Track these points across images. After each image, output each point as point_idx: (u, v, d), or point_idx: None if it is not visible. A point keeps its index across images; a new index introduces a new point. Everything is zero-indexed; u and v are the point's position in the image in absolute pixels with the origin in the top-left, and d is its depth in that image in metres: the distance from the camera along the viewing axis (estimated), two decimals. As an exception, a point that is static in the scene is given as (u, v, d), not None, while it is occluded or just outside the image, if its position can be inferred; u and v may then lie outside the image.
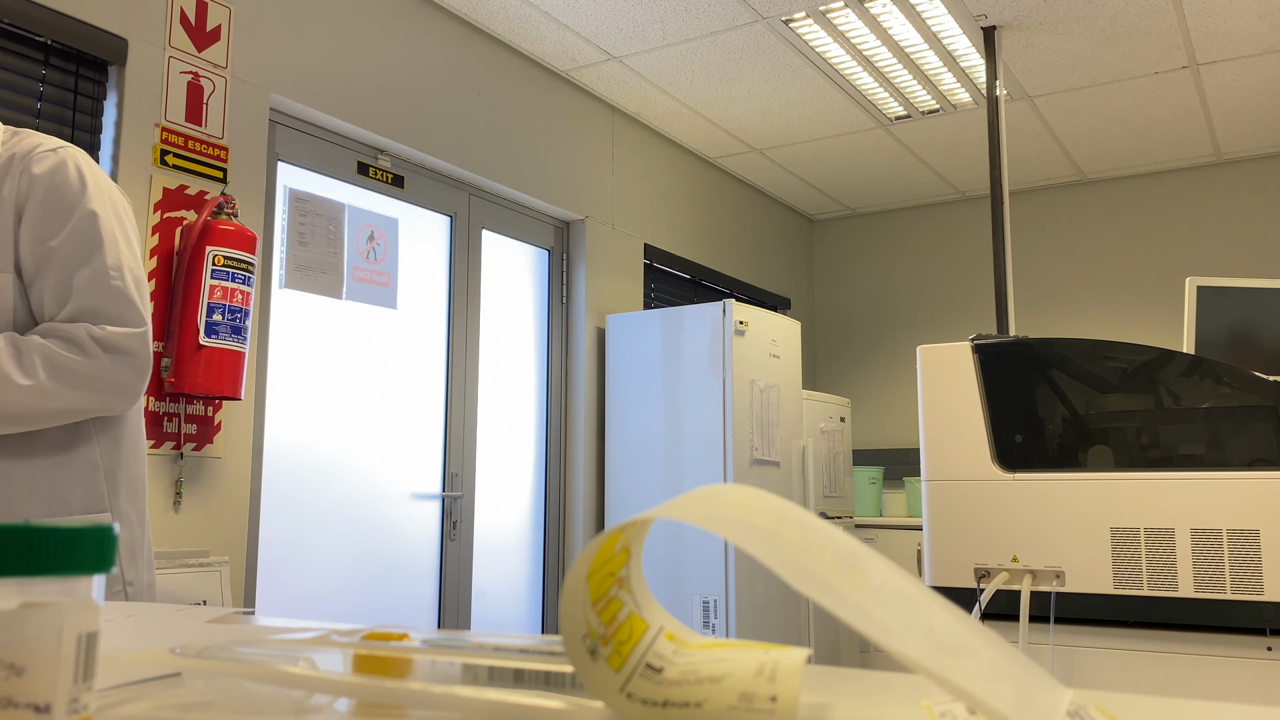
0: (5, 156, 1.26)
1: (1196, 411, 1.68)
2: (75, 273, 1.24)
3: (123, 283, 1.26)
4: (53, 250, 1.24)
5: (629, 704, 0.40)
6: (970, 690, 0.32)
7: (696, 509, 0.38)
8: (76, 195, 1.26)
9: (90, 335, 1.23)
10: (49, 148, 1.27)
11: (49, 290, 1.23)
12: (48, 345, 1.20)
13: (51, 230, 1.24)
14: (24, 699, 0.31)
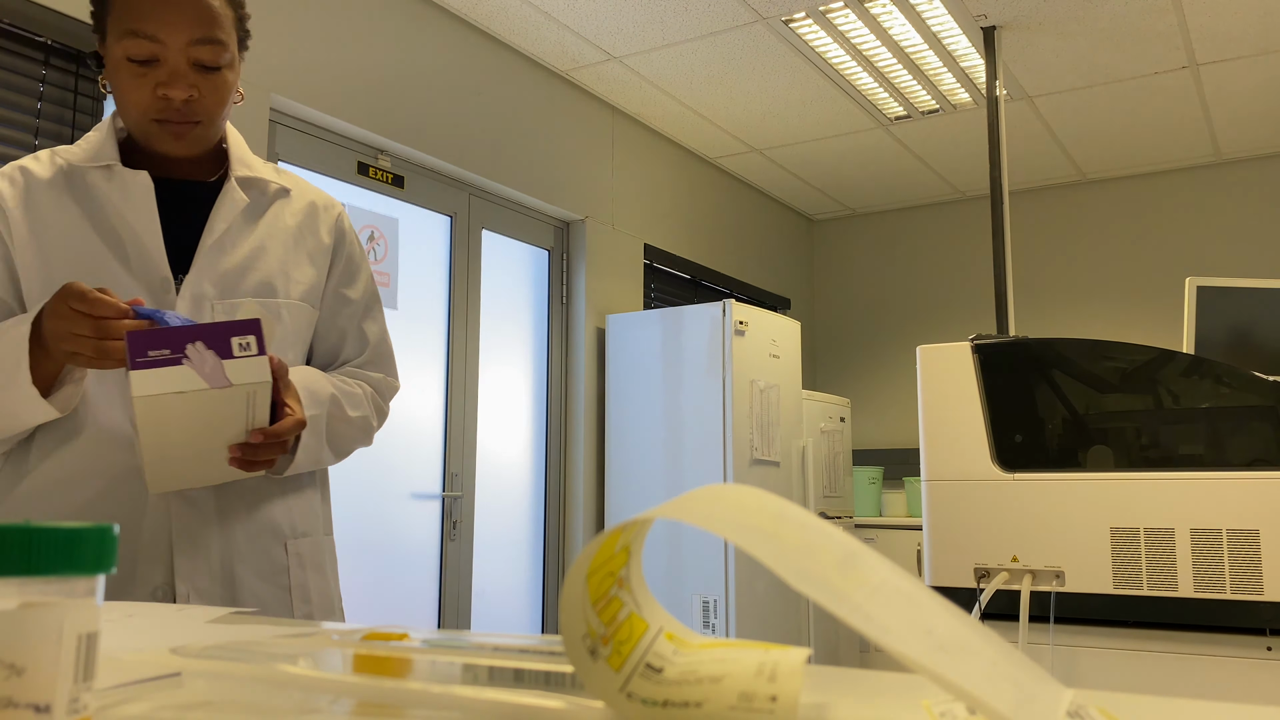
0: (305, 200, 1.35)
1: (1196, 411, 1.68)
2: (366, 325, 1.37)
3: (389, 340, 1.42)
4: (352, 301, 1.36)
5: (629, 704, 0.40)
6: (970, 690, 0.32)
7: (696, 509, 0.38)
8: (361, 255, 1.40)
9: (388, 386, 1.37)
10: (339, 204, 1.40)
11: (350, 335, 1.36)
12: (372, 392, 1.33)
13: (350, 283, 1.36)
14: (24, 699, 0.31)
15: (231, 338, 0.94)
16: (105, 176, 1.21)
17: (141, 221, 1.20)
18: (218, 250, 1.23)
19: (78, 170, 1.23)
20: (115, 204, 1.20)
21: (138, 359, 0.92)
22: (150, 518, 1.13)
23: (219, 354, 0.94)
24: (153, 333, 0.93)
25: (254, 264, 1.25)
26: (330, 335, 1.36)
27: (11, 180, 1.22)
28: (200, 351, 0.93)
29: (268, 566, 1.22)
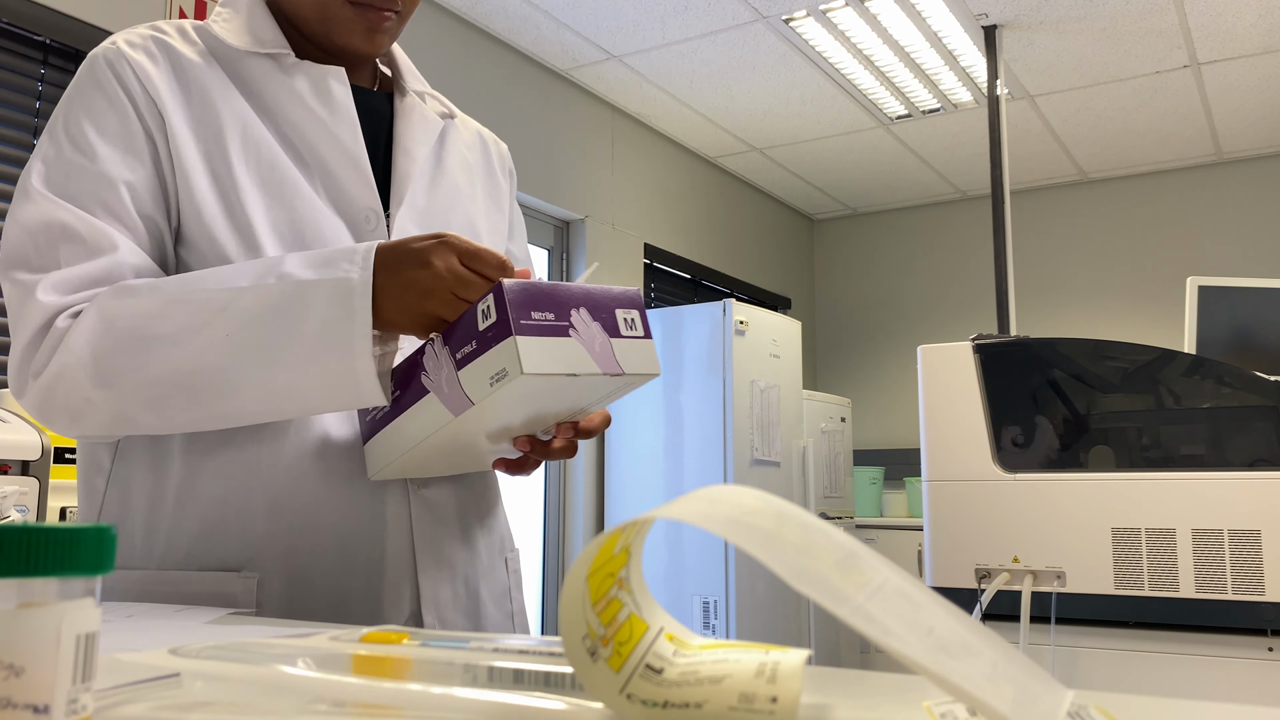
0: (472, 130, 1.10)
1: (1197, 411, 1.68)
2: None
3: None
4: (518, 259, 1.11)
5: (629, 705, 0.40)
6: (971, 691, 0.32)
7: (696, 509, 0.38)
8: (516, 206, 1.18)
9: None
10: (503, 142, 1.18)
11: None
12: None
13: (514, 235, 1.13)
14: (23, 699, 0.31)
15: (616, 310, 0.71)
16: (274, 68, 0.91)
17: (339, 134, 0.91)
18: (417, 180, 0.96)
19: (232, 53, 0.91)
20: (296, 107, 0.90)
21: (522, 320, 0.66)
22: (391, 529, 0.87)
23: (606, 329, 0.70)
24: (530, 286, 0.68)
25: (454, 201, 1.00)
26: None
27: (149, 53, 0.88)
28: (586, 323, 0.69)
29: (497, 587, 0.97)
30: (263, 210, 0.87)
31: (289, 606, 0.84)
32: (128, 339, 0.77)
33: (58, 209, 0.81)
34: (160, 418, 0.79)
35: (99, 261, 0.80)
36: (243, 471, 0.85)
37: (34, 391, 0.80)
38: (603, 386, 0.72)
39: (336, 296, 0.74)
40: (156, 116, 0.86)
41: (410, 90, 1.01)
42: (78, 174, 0.83)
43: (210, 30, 0.92)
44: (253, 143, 0.88)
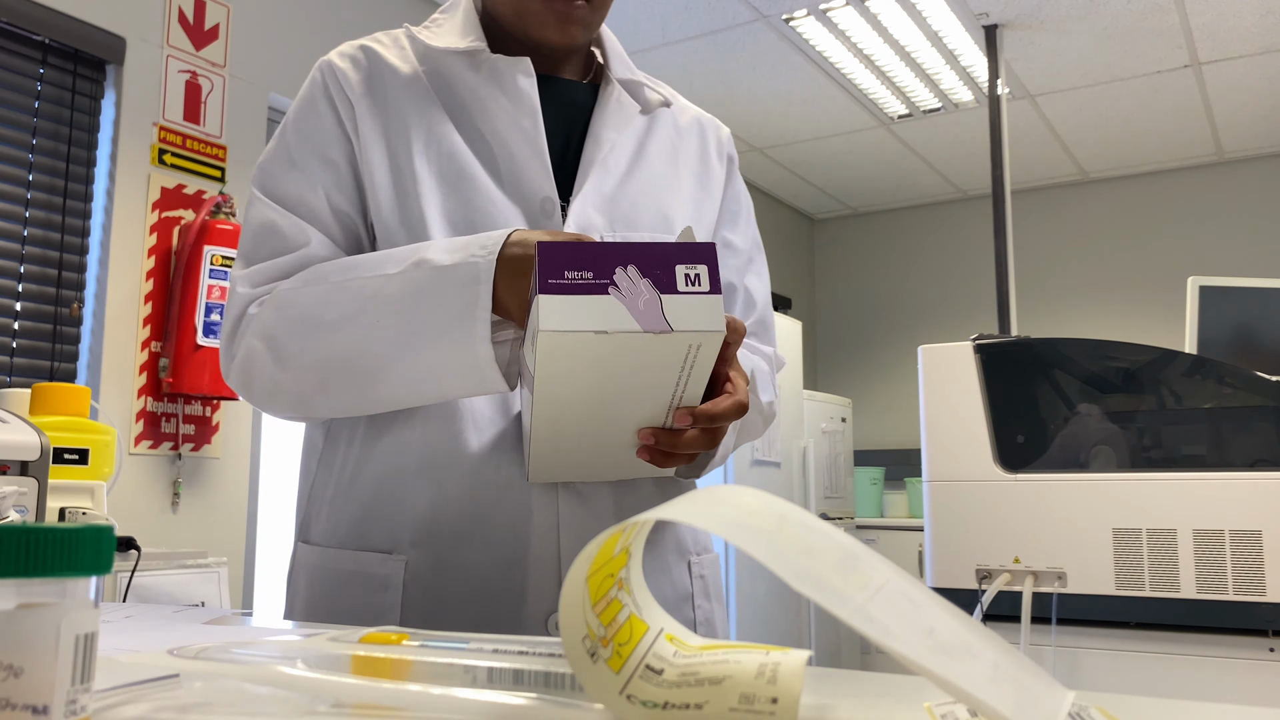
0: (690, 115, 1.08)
1: (1198, 412, 1.68)
2: (750, 280, 1.06)
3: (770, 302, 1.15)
4: (737, 249, 1.05)
5: (629, 706, 0.40)
6: (971, 692, 0.32)
7: (697, 510, 0.38)
8: (746, 192, 1.11)
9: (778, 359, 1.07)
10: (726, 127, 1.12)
11: (735, 295, 1.05)
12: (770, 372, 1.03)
13: (734, 224, 1.07)
14: (22, 700, 0.31)
15: (677, 266, 0.66)
16: (470, 65, 0.95)
17: (522, 124, 0.92)
18: (606, 169, 0.96)
19: (433, 54, 0.96)
20: (485, 100, 0.94)
21: (550, 279, 0.64)
22: (536, 523, 0.86)
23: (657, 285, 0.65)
24: (571, 246, 0.66)
25: (648, 190, 0.98)
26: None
27: (354, 61, 0.96)
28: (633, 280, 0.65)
29: (671, 592, 0.93)
30: (437, 202, 0.90)
31: (432, 595, 0.85)
32: (297, 324, 0.84)
33: (267, 209, 0.91)
34: (329, 400, 0.85)
35: (291, 255, 0.88)
36: (399, 456, 0.88)
37: (233, 375, 0.89)
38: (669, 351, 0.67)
39: (465, 281, 0.77)
40: (352, 120, 0.93)
41: (615, 79, 1.00)
42: (284, 176, 0.92)
43: (418, 36, 0.98)
44: (435, 137, 0.92)
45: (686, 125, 1.06)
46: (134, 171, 2.50)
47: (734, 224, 1.07)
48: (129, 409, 2.43)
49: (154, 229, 2.51)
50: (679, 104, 1.08)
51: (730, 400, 0.75)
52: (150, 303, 2.48)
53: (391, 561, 0.86)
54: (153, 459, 2.48)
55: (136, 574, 1.88)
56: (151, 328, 2.48)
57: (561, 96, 0.98)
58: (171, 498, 2.50)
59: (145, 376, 2.46)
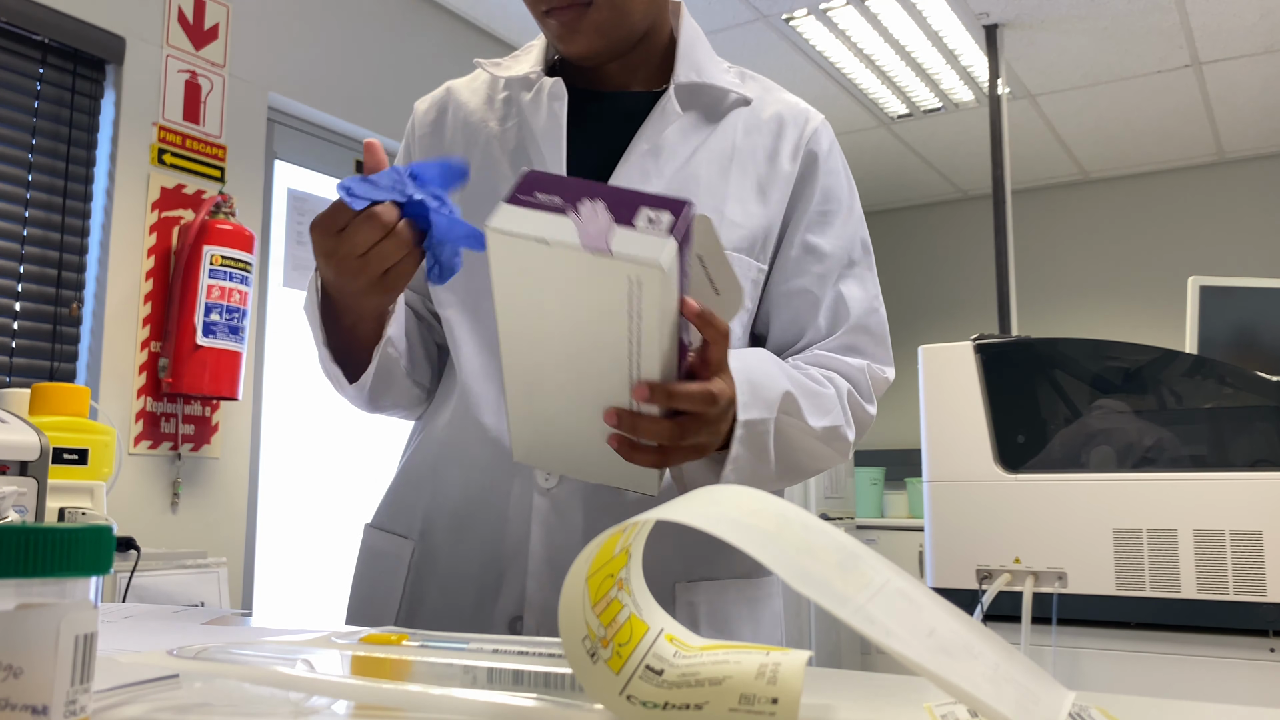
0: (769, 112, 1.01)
1: (1199, 412, 1.68)
2: (845, 290, 0.98)
3: (883, 313, 1.02)
4: (826, 256, 0.97)
5: (629, 706, 0.40)
6: (972, 692, 0.32)
7: (697, 510, 0.38)
8: (848, 191, 1.01)
9: (872, 381, 0.97)
10: (820, 118, 1.04)
11: (822, 306, 0.97)
12: (851, 392, 0.94)
13: (823, 227, 0.98)
14: (22, 700, 0.31)
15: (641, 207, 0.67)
16: (526, 88, 0.99)
17: (548, 138, 0.95)
18: (635, 175, 0.94)
19: (500, 84, 1.03)
20: (530, 123, 0.97)
21: (520, 194, 0.67)
22: (512, 524, 0.89)
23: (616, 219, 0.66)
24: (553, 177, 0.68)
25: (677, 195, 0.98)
26: (790, 303, 0.97)
27: (432, 101, 1.06)
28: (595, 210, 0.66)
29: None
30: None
31: (421, 583, 0.92)
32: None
33: None
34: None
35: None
36: (419, 447, 0.98)
37: None
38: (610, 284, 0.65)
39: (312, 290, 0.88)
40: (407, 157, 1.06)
41: (676, 84, 0.98)
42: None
43: (489, 68, 1.04)
44: (480, 156, 0.99)
45: (764, 123, 1.00)
46: (134, 171, 2.49)
47: (822, 227, 0.99)
48: (128, 409, 2.43)
49: (153, 229, 2.51)
50: (766, 99, 1.02)
51: (699, 387, 0.71)
52: (150, 303, 2.48)
53: (400, 544, 0.94)
54: (152, 459, 2.48)
55: (136, 574, 1.88)
56: (151, 328, 2.48)
57: (614, 111, 0.98)
58: (171, 498, 2.50)
59: (145, 376, 2.46)
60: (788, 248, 0.98)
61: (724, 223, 0.95)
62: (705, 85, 0.99)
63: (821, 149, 1.00)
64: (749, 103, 1.01)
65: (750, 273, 0.95)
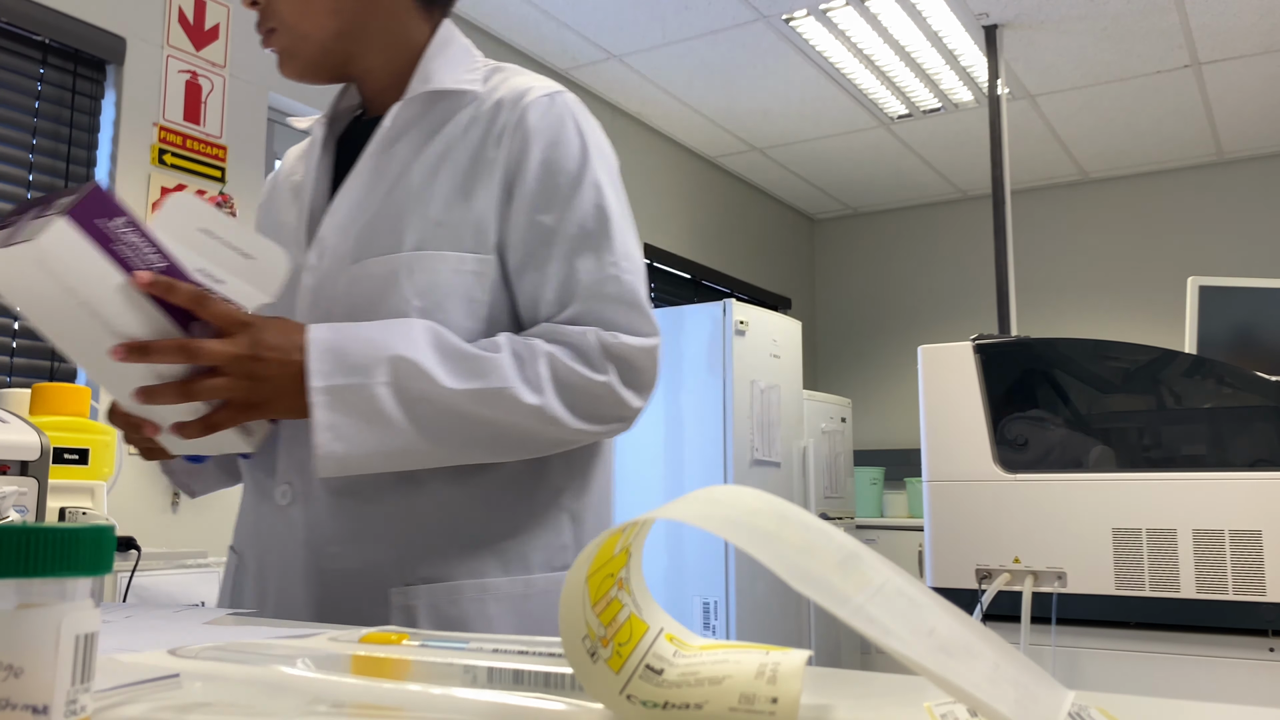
0: (490, 103, 1.01)
1: (1198, 412, 1.68)
2: (578, 262, 0.96)
3: (634, 277, 0.97)
4: (553, 231, 0.96)
5: (629, 705, 0.40)
6: (971, 692, 0.32)
7: (697, 510, 0.38)
8: (578, 159, 0.98)
9: (600, 343, 0.92)
10: (543, 92, 1.00)
11: (549, 283, 0.95)
12: (553, 352, 0.91)
13: (551, 204, 0.96)
14: (22, 700, 0.31)
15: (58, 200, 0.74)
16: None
17: (308, 175, 1.03)
18: (356, 193, 0.98)
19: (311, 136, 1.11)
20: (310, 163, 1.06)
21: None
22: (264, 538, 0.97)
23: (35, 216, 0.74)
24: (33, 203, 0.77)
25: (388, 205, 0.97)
26: (523, 284, 0.97)
27: (272, 173, 1.14)
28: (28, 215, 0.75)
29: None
30: None
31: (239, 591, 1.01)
32: None
33: None
34: None
35: None
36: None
37: None
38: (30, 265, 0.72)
39: None
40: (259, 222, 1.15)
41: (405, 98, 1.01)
42: None
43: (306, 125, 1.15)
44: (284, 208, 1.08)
45: (484, 114, 1.00)
46: (134, 171, 2.49)
47: (546, 202, 0.96)
48: (129, 409, 2.43)
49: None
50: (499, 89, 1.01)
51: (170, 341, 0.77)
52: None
53: (233, 556, 1.04)
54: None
55: (136, 574, 1.88)
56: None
57: (361, 138, 1.05)
58: (171, 498, 2.50)
59: (145, 376, 2.46)
60: (515, 230, 0.96)
61: (429, 224, 0.95)
62: (435, 92, 1.01)
63: (532, 123, 0.98)
64: (476, 97, 1.02)
65: (466, 266, 0.95)
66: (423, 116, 1.00)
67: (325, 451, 0.83)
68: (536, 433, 0.90)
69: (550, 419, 0.89)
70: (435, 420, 0.86)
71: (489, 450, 0.90)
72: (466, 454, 0.90)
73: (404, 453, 0.86)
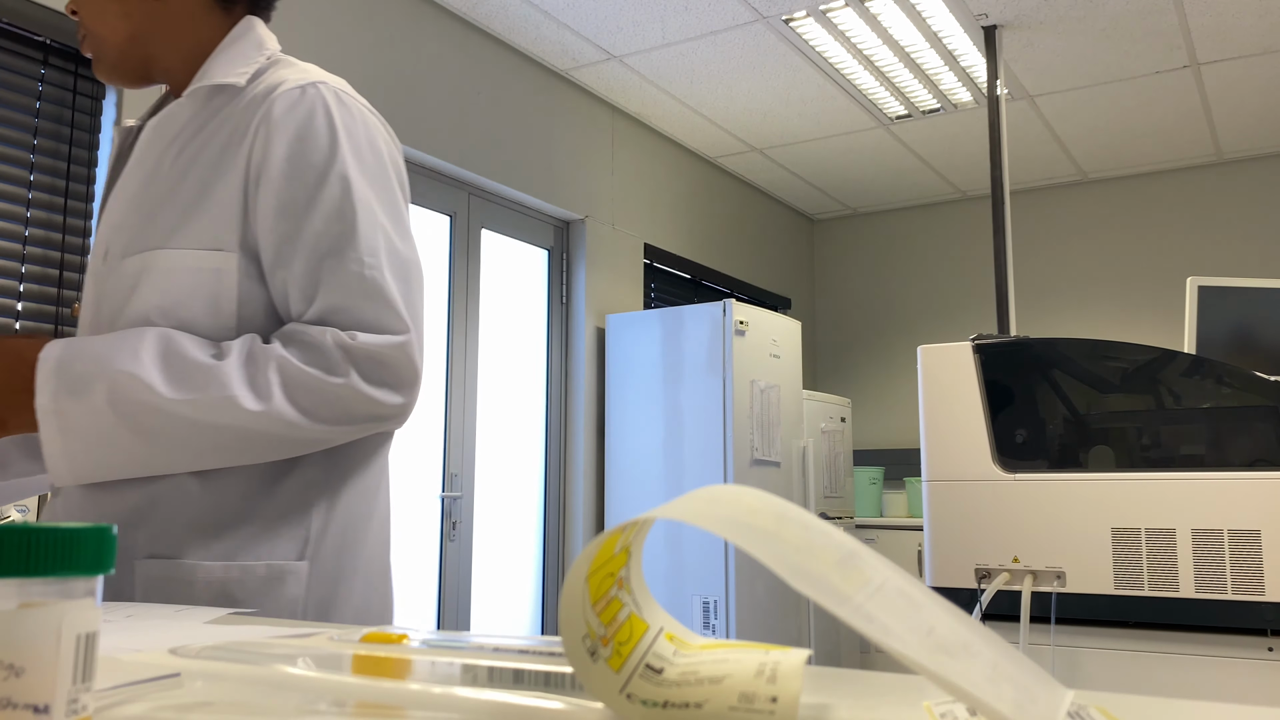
0: (248, 98, 0.99)
1: (1197, 411, 1.68)
2: (321, 260, 0.94)
3: (379, 274, 0.94)
4: (297, 229, 0.94)
5: (629, 705, 0.40)
6: (971, 691, 0.32)
7: (696, 509, 0.38)
8: (326, 152, 0.95)
9: (337, 344, 0.91)
10: (295, 84, 0.98)
11: (294, 281, 0.94)
12: (285, 356, 0.90)
13: (296, 200, 0.94)
14: (23, 699, 0.31)
15: None
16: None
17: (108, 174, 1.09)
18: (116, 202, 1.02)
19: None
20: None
21: None
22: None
23: None
24: None
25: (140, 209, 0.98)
26: (276, 284, 0.96)
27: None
28: None
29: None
30: None
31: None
32: None
33: None
34: None
35: None
36: None
37: None
38: None
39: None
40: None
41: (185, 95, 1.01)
42: None
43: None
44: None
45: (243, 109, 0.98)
46: (133, 172, 2.50)
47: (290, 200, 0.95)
48: (128, 409, 2.43)
49: (153, 229, 2.51)
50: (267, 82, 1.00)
51: None
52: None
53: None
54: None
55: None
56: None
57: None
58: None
59: (145, 377, 2.46)
60: (263, 228, 0.95)
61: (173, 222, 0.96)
62: (206, 89, 1.00)
63: (277, 117, 0.96)
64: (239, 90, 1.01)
65: (206, 264, 0.94)
66: (196, 114, 1.00)
67: (52, 465, 0.88)
68: (275, 435, 0.90)
69: (283, 423, 0.89)
70: (160, 430, 0.88)
71: (227, 455, 0.91)
72: (204, 459, 0.91)
73: (133, 462, 0.90)
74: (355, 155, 0.97)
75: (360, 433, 0.96)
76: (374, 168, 0.99)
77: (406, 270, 0.98)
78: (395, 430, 1.04)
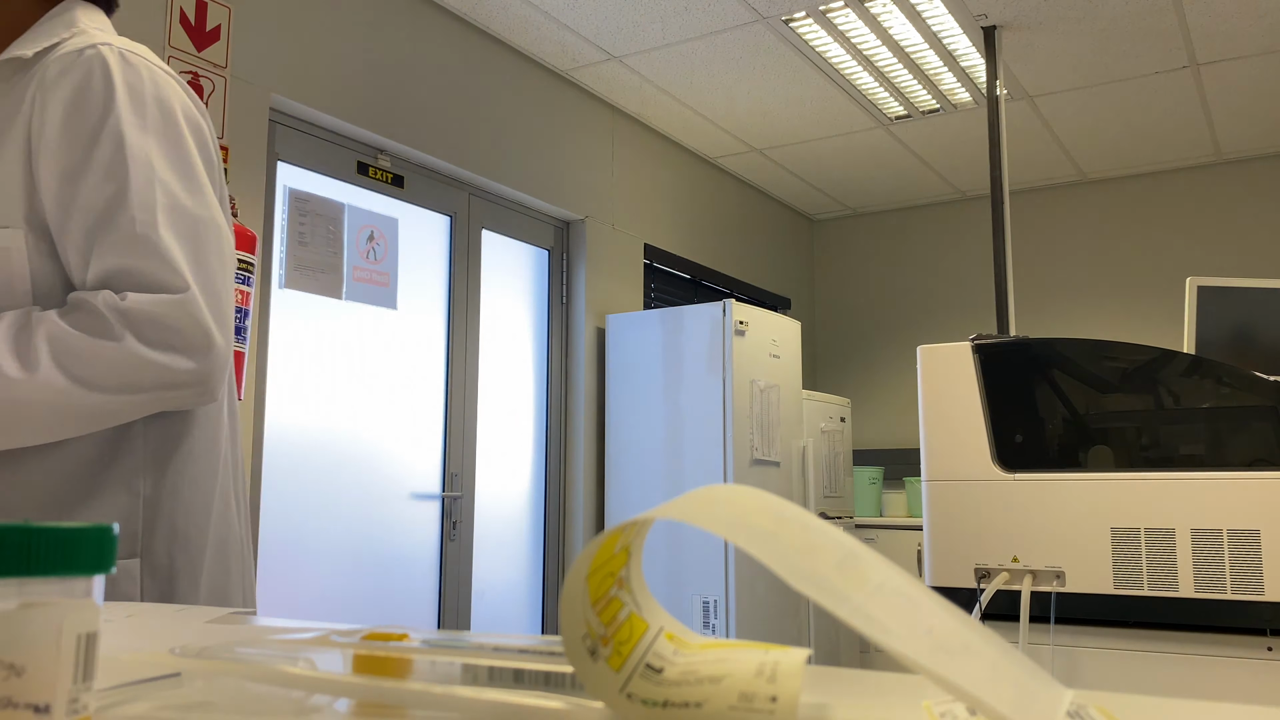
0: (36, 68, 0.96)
1: (1197, 411, 1.68)
2: (96, 223, 0.90)
3: (152, 230, 0.90)
4: (73, 193, 0.91)
5: (629, 704, 0.40)
6: (970, 690, 0.32)
7: (696, 509, 0.38)
8: (99, 113, 0.92)
9: (108, 305, 0.87)
10: (73, 49, 0.94)
11: (73, 248, 0.91)
12: (56, 322, 0.86)
13: (74, 164, 0.91)
14: (23, 699, 0.31)
15: None
16: None
17: None
18: None
19: None
20: None
21: None
22: None
23: None
24: None
25: None
26: (62, 253, 0.93)
27: None
28: None
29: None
30: None
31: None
32: None
33: None
34: None
35: None
36: None
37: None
38: None
39: None
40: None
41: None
42: None
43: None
44: None
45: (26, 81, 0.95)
46: (133, 172, 2.49)
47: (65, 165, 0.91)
48: (128, 409, 2.42)
49: (153, 229, 2.51)
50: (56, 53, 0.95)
51: None
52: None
53: None
54: (152, 459, 2.47)
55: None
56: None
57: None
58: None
59: (144, 377, 2.46)
60: (46, 196, 0.91)
61: None
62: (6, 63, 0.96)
63: (50, 81, 0.92)
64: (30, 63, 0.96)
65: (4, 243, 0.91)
66: (10, 86, 0.96)
67: None
68: (50, 405, 0.86)
69: (54, 390, 0.85)
70: None
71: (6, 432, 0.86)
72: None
73: None
74: (135, 111, 0.94)
75: (160, 404, 0.90)
76: (158, 122, 0.95)
77: (194, 227, 0.93)
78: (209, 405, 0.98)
